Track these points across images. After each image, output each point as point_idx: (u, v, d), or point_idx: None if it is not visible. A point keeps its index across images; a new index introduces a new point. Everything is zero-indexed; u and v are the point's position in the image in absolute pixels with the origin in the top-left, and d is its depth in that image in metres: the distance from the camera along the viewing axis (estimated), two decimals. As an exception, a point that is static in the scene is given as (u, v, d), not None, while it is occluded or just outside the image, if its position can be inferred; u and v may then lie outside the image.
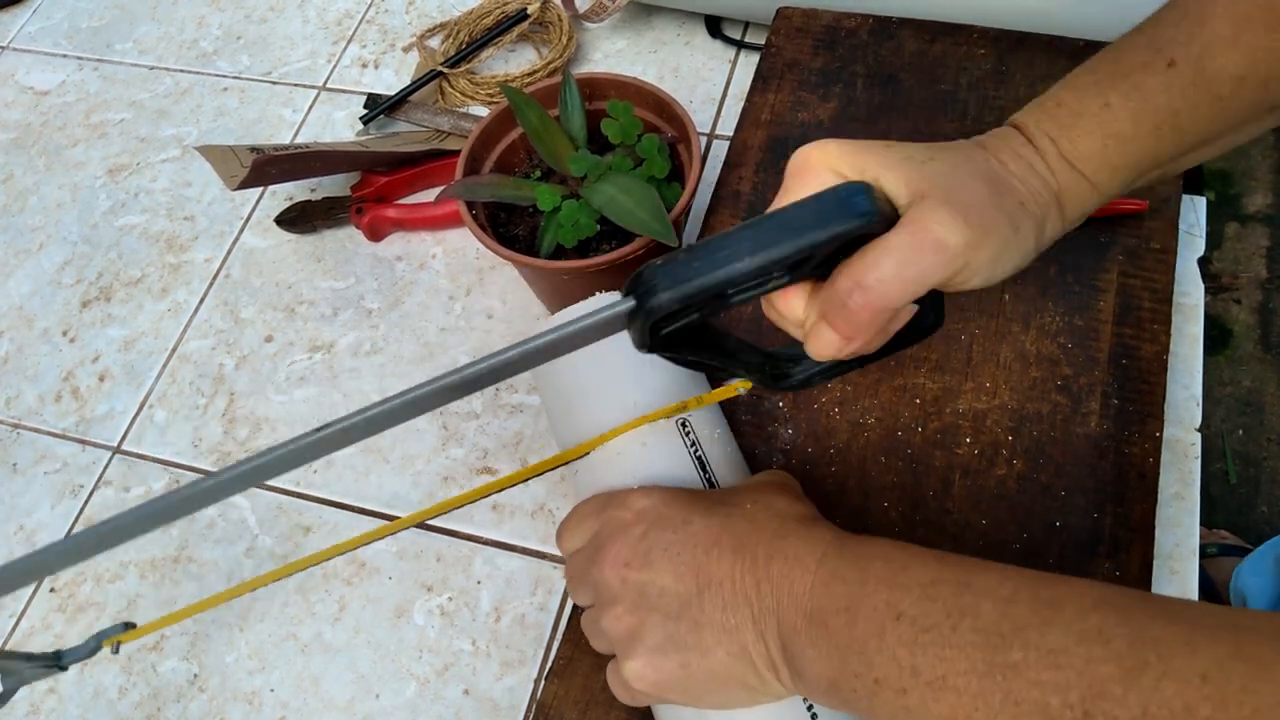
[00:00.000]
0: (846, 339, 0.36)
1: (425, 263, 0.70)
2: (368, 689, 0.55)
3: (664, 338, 0.35)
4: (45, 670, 0.44)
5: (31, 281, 0.75)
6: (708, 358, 0.38)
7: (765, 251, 0.33)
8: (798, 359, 0.42)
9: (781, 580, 0.37)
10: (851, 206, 0.34)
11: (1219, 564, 1.22)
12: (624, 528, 0.41)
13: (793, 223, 0.34)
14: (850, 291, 0.34)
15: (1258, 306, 1.51)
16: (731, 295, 0.35)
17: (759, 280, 0.35)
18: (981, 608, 0.32)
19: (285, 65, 0.85)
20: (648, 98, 0.62)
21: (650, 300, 0.33)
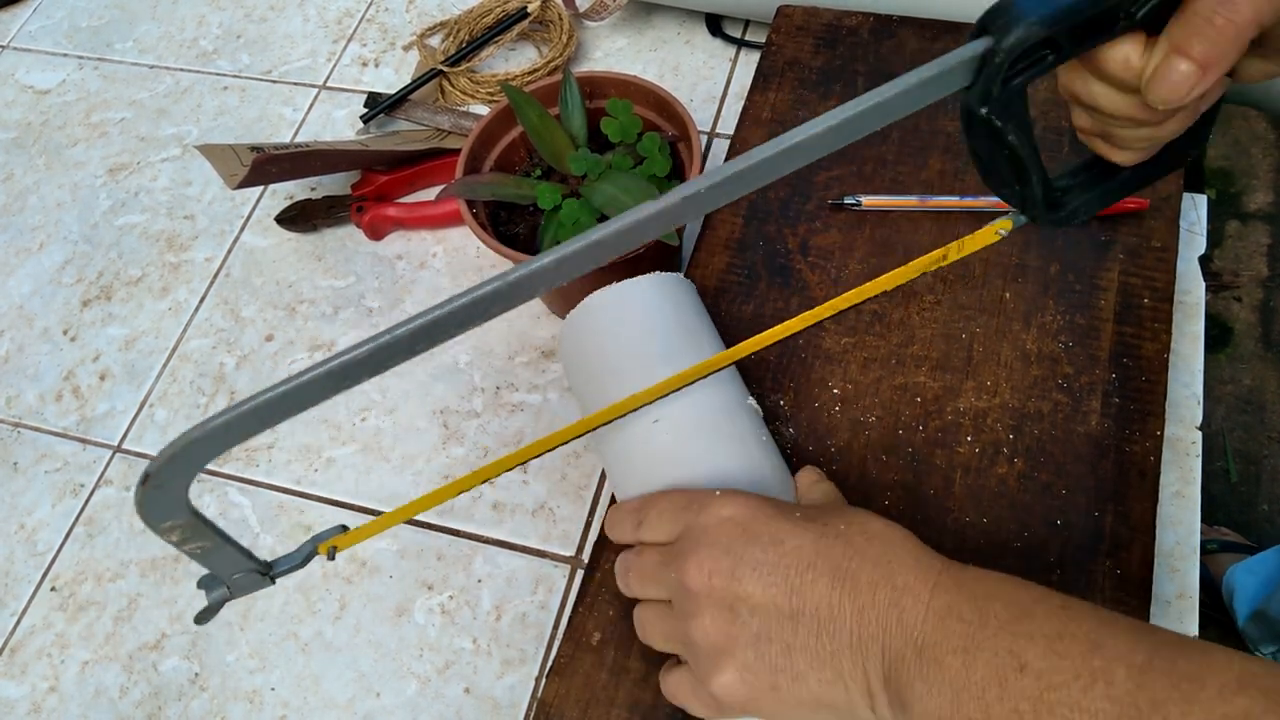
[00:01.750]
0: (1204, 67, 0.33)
1: (426, 262, 0.70)
2: (368, 688, 0.55)
3: (1013, 91, 0.32)
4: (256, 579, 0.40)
5: (32, 281, 0.75)
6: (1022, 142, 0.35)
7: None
8: (1066, 190, 0.40)
9: (889, 609, 0.35)
10: None
11: (1219, 560, 1.23)
12: (708, 536, 0.40)
13: None
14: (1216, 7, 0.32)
15: (1258, 305, 1.51)
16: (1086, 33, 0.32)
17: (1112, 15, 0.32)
18: (1115, 674, 0.31)
19: (285, 64, 0.85)
20: (648, 96, 0.62)
21: (1015, 30, 0.31)
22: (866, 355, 0.55)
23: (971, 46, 0.32)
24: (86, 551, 0.62)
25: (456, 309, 0.31)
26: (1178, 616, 0.50)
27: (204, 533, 0.36)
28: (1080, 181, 0.40)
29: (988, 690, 0.32)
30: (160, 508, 0.33)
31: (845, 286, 0.58)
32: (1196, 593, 0.50)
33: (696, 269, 0.59)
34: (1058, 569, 0.47)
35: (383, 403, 0.64)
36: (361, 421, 0.64)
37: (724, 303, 0.58)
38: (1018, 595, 0.35)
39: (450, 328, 0.32)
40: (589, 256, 0.32)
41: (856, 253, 0.59)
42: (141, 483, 0.32)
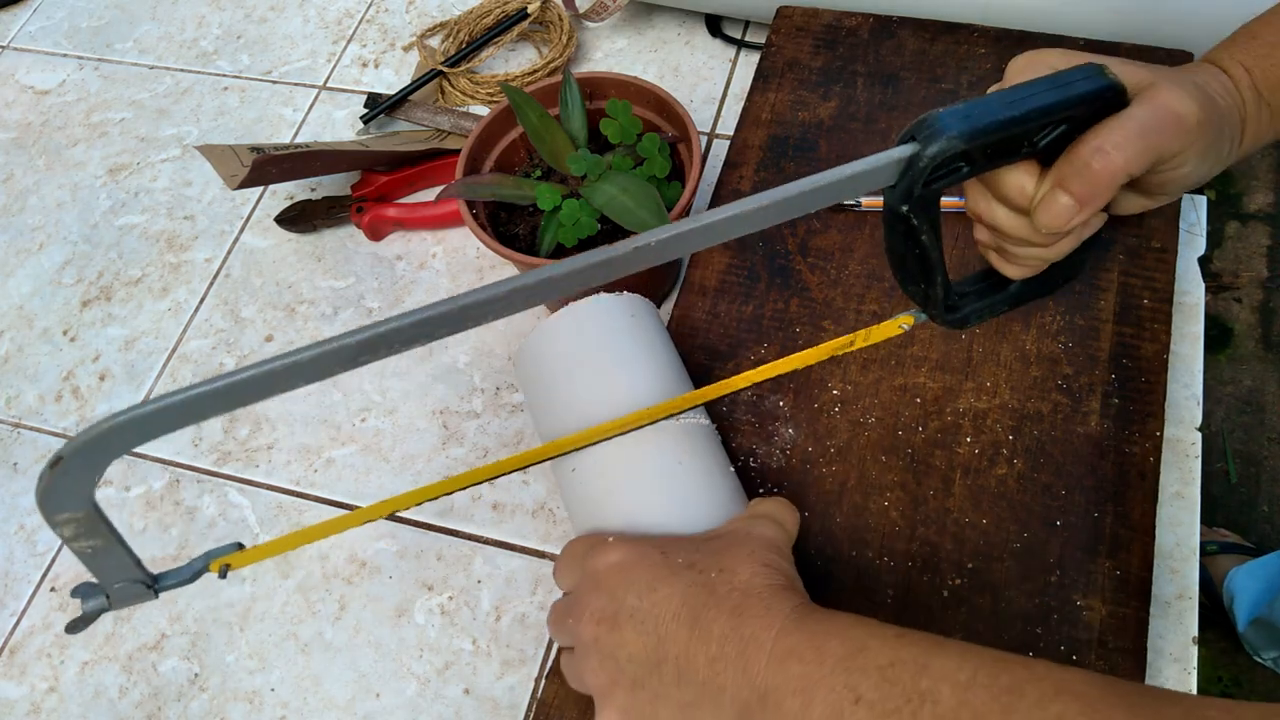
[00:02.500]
0: (1081, 202, 0.38)
1: (425, 262, 0.70)
2: (368, 688, 0.55)
3: (930, 194, 0.36)
4: (139, 590, 0.39)
5: (32, 281, 0.75)
6: (931, 245, 0.39)
7: (1043, 96, 0.36)
8: (964, 295, 0.44)
9: (736, 659, 0.37)
10: (1095, 76, 0.37)
11: (1218, 562, 1.23)
12: (598, 583, 0.41)
13: (1053, 84, 0.37)
14: (1094, 154, 0.37)
15: (1258, 305, 1.51)
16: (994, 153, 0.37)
17: (1016, 142, 0.37)
18: (940, 692, 0.32)
19: (285, 65, 0.85)
20: (648, 97, 0.62)
21: (937, 141, 0.35)
22: (866, 356, 0.55)
23: (900, 150, 0.36)
24: (86, 552, 0.62)
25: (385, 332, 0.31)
26: (1177, 617, 0.50)
27: (99, 531, 0.34)
28: (976, 290, 0.45)
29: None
30: (63, 496, 0.32)
31: (844, 287, 0.58)
32: (1196, 594, 0.50)
33: (696, 269, 0.59)
34: (1057, 569, 0.47)
35: (382, 403, 0.64)
36: (361, 422, 0.64)
37: (724, 303, 0.58)
38: (855, 631, 0.36)
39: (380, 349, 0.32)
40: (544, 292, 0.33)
41: (856, 253, 0.59)
42: (50, 465, 0.30)
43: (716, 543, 0.42)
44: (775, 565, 0.41)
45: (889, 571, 0.48)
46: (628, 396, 0.48)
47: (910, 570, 0.48)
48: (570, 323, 0.50)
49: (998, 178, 0.40)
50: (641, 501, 0.46)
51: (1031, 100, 0.36)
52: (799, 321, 0.57)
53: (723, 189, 0.63)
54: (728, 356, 0.56)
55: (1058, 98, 0.36)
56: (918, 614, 0.47)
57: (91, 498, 0.32)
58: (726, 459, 0.49)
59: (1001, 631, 0.46)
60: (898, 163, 0.36)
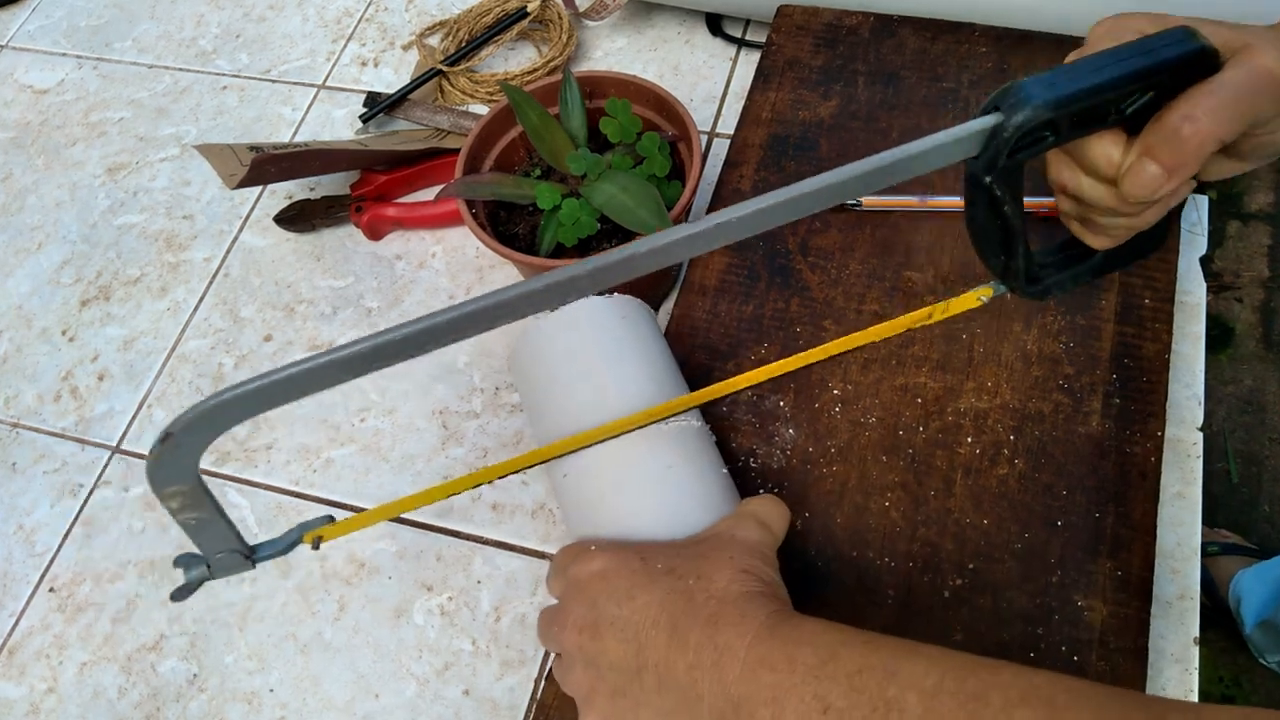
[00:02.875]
0: (1170, 171, 0.37)
1: (425, 261, 0.70)
2: (367, 689, 0.54)
3: (1008, 168, 0.36)
4: (237, 561, 0.41)
5: (30, 281, 0.75)
6: (1014, 214, 0.38)
7: (1127, 64, 0.35)
8: (1044, 266, 0.43)
9: (711, 667, 0.37)
10: (1190, 40, 0.36)
11: (1220, 563, 1.22)
12: (580, 591, 0.42)
13: (1141, 48, 0.35)
14: (1184, 120, 0.36)
15: (1259, 305, 1.51)
16: (1082, 119, 0.36)
17: (1104, 109, 0.36)
18: (906, 701, 0.32)
19: (284, 64, 0.84)
20: (648, 96, 0.62)
21: (1023, 110, 0.34)
22: (867, 356, 0.54)
23: (983, 120, 0.35)
24: (85, 552, 0.62)
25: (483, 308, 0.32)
26: (1179, 618, 0.50)
27: (203, 503, 0.36)
28: (1057, 260, 0.44)
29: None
30: (171, 470, 0.33)
31: (845, 287, 0.58)
32: (1197, 594, 0.50)
33: (696, 269, 0.59)
34: (1058, 569, 0.47)
35: (382, 403, 0.64)
36: (361, 422, 0.64)
37: (724, 303, 0.58)
38: (826, 638, 0.36)
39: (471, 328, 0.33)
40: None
41: (857, 253, 0.58)
42: (161, 440, 0.32)
43: (698, 548, 0.42)
44: (754, 571, 0.41)
45: (890, 572, 0.48)
46: (618, 400, 0.47)
47: (911, 570, 0.48)
48: (561, 324, 0.50)
49: (1083, 146, 0.39)
50: (631, 506, 0.45)
51: (1118, 66, 0.35)
52: (799, 321, 0.56)
53: (723, 188, 0.62)
54: (728, 356, 0.56)
55: (1146, 63, 0.35)
56: (919, 615, 0.47)
57: (197, 471, 0.34)
58: (720, 461, 0.49)
59: (1002, 632, 0.46)
60: (981, 133, 0.35)
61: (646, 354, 0.50)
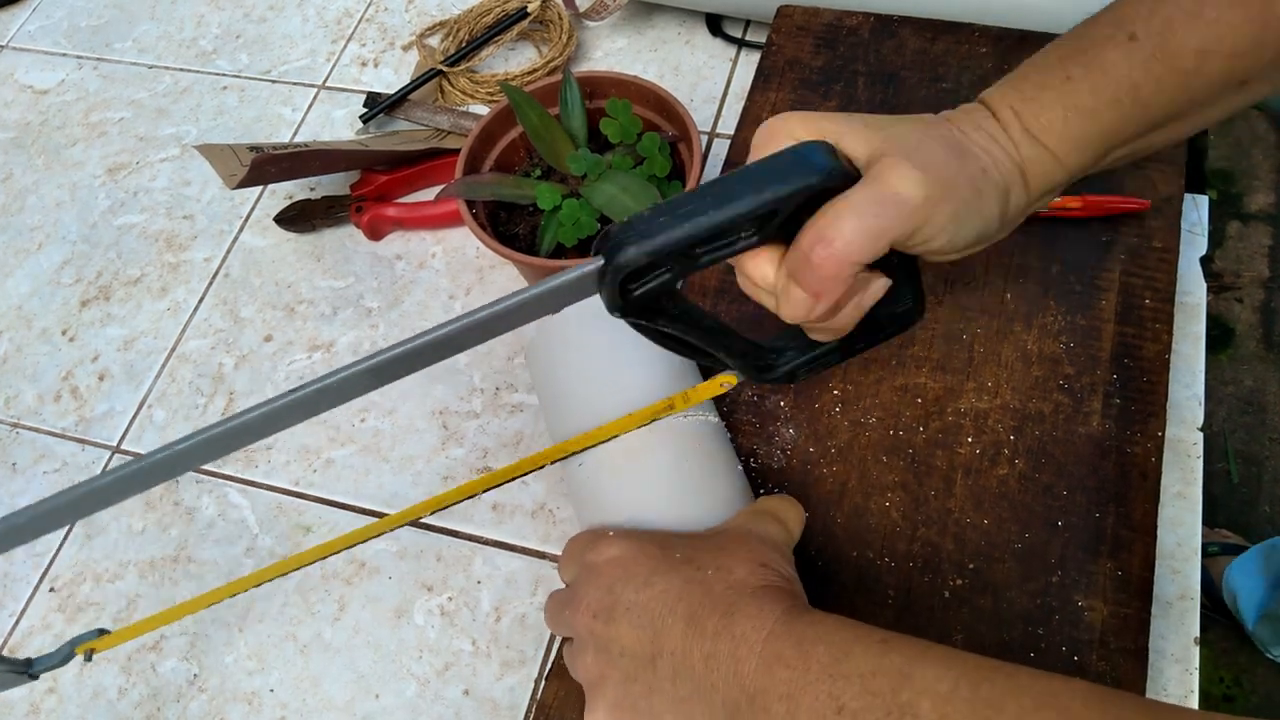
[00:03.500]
0: (815, 297, 0.36)
1: (425, 262, 0.70)
2: (367, 689, 0.54)
3: (636, 300, 0.35)
4: (14, 677, 0.43)
5: (31, 281, 0.75)
6: (683, 332, 0.38)
7: (729, 206, 0.34)
8: (781, 350, 0.42)
9: (727, 658, 0.37)
10: (811, 161, 0.35)
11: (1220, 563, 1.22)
12: (595, 576, 0.41)
13: (754, 178, 0.34)
14: (813, 245, 0.35)
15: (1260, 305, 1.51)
16: (700, 253, 0.35)
17: (726, 238, 0.35)
18: (920, 707, 0.32)
19: (285, 64, 0.84)
20: (648, 96, 0.62)
21: (618, 256, 0.33)
22: (866, 356, 0.54)
23: (587, 264, 0.34)
24: (85, 552, 0.62)
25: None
26: (1179, 618, 0.50)
27: None
28: (796, 345, 0.42)
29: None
30: None
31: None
32: (1198, 594, 0.50)
33: (696, 269, 0.59)
34: (1058, 570, 0.47)
35: (382, 403, 0.64)
36: (361, 422, 0.64)
37: (724, 303, 0.58)
38: (841, 635, 0.36)
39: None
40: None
41: (857, 253, 0.58)
42: None
43: (716, 540, 0.42)
44: (772, 565, 0.41)
45: (890, 572, 0.48)
46: (635, 392, 0.47)
47: (911, 571, 0.48)
48: (579, 317, 0.50)
49: (741, 261, 0.38)
50: (645, 498, 0.46)
51: (727, 205, 0.34)
52: (799, 321, 0.56)
53: (723, 188, 0.62)
54: (728, 356, 0.56)
55: (756, 200, 0.34)
56: (919, 615, 0.47)
57: None
58: (734, 457, 0.49)
59: (1003, 632, 0.46)
60: (590, 276, 0.34)
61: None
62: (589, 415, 0.47)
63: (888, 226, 0.35)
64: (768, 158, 0.36)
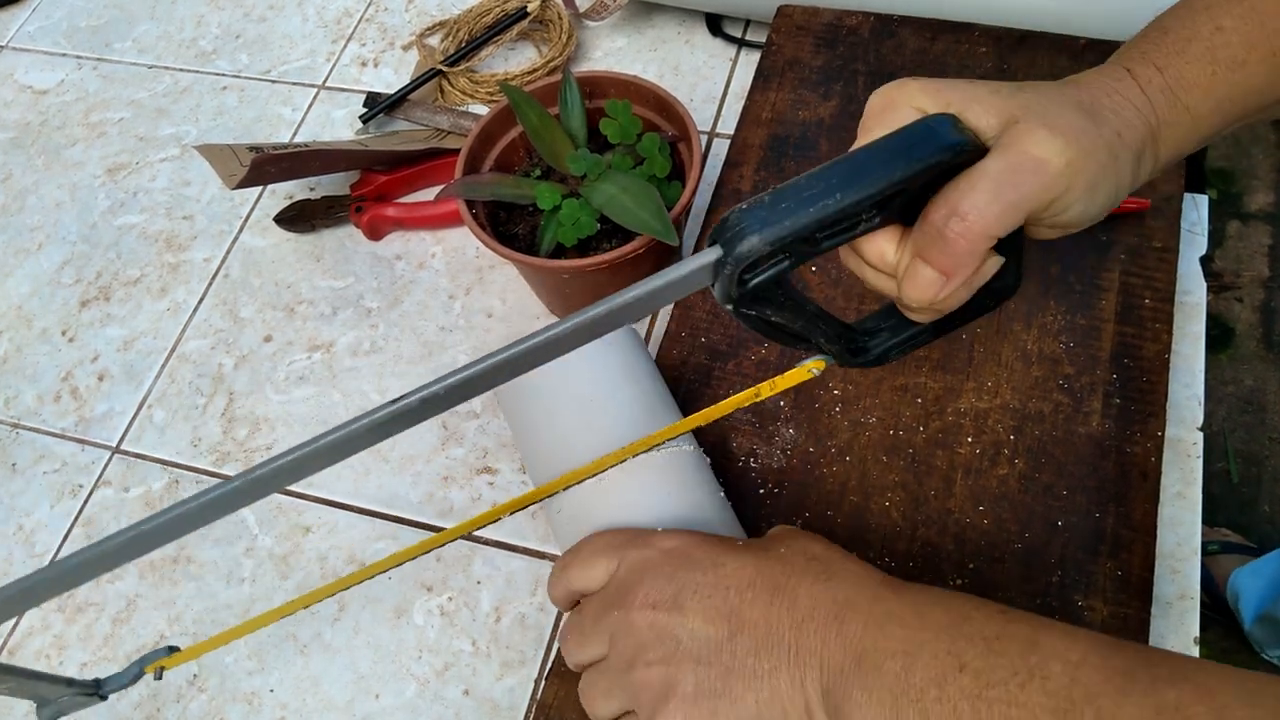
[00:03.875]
0: (945, 275, 0.34)
1: (425, 262, 0.70)
2: (367, 689, 0.54)
3: (750, 291, 0.34)
4: (84, 699, 0.42)
5: (30, 281, 0.75)
6: (789, 320, 0.36)
7: (855, 187, 0.32)
8: (873, 332, 0.41)
9: (829, 620, 0.35)
10: (940, 136, 0.33)
11: (1220, 561, 1.23)
12: (650, 567, 0.39)
13: (881, 157, 0.33)
14: (947, 220, 0.33)
15: (1260, 305, 1.51)
16: (821, 238, 0.33)
17: (849, 221, 0.33)
18: (1050, 669, 0.31)
19: (284, 64, 0.84)
20: (648, 96, 0.62)
21: (739, 245, 0.32)
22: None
23: (704, 255, 0.33)
24: (85, 552, 0.62)
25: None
26: (1179, 618, 0.50)
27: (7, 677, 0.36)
28: (889, 326, 0.40)
29: (927, 692, 0.32)
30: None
31: (845, 287, 0.58)
32: (1198, 594, 0.50)
33: (696, 269, 0.59)
34: (1058, 570, 0.47)
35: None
36: (360, 422, 0.64)
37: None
38: (957, 602, 0.35)
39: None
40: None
41: (857, 253, 0.58)
42: None
43: (767, 535, 0.42)
44: (836, 547, 0.40)
45: (890, 572, 0.48)
46: (611, 430, 0.47)
47: (911, 571, 0.48)
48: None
49: (859, 245, 0.36)
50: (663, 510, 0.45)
51: (853, 187, 0.32)
52: (799, 321, 0.56)
53: (723, 188, 0.62)
54: (729, 356, 0.56)
55: (884, 181, 0.32)
56: (918, 615, 0.47)
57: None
58: (716, 485, 0.49)
59: (1003, 632, 0.46)
60: (705, 268, 0.33)
61: (636, 380, 0.50)
62: (567, 453, 0.47)
63: (1026, 196, 0.33)
64: (893, 134, 0.34)
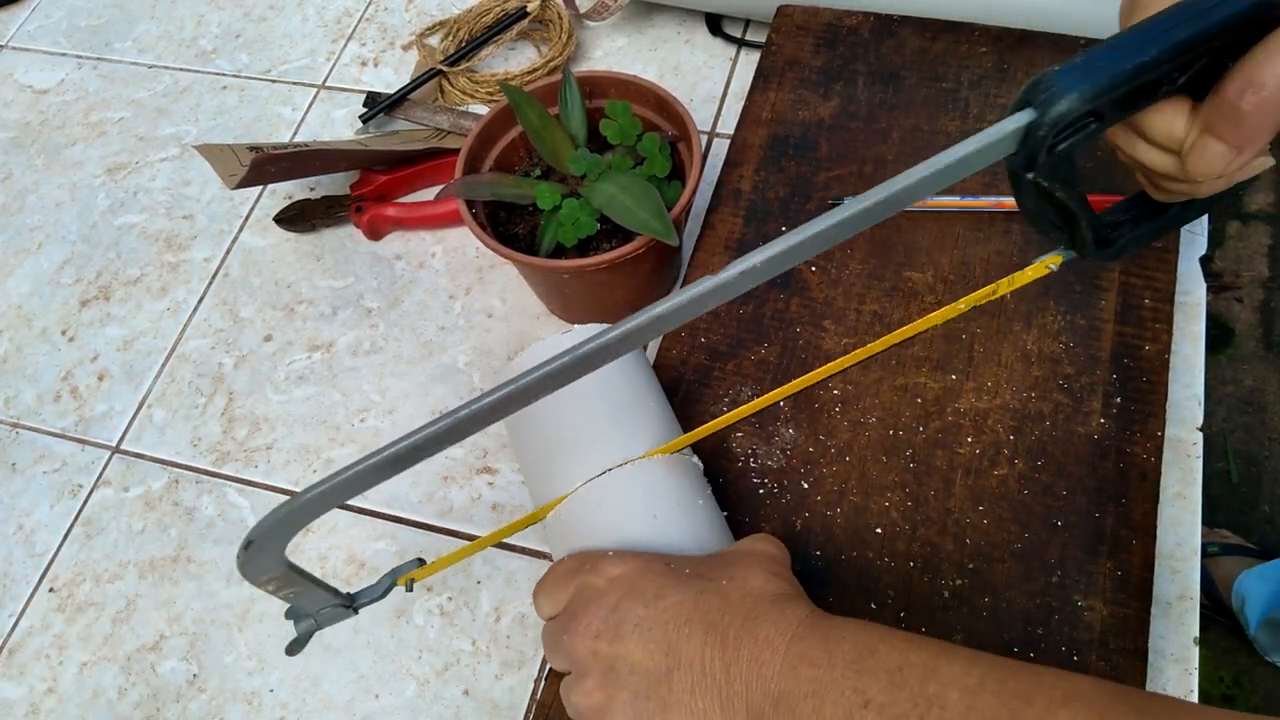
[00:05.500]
0: (1237, 148, 0.33)
1: (425, 262, 0.70)
2: (367, 689, 0.54)
3: (1055, 157, 0.33)
4: (341, 612, 0.44)
5: (30, 281, 0.75)
6: (1069, 198, 0.36)
7: (1172, 36, 0.32)
8: (1115, 224, 0.41)
9: (751, 664, 0.36)
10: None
11: (1220, 563, 1.22)
12: (597, 596, 0.40)
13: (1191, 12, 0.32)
14: (1243, 91, 0.32)
15: (1259, 305, 1.51)
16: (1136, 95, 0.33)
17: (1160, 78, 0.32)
18: (948, 697, 0.32)
19: (284, 64, 0.84)
20: (648, 96, 0.62)
21: (1058, 103, 0.31)
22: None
23: (1016, 118, 0.32)
24: (85, 552, 0.62)
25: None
26: (1179, 618, 0.50)
27: (297, 581, 0.39)
28: (1131, 217, 0.41)
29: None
30: (260, 566, 0.37)
31: (845, 287, 0.58)
32: (1198, 594, 0.50)
33: (696, 269, 0.59)
34: (1058, 570, 0.47)
35: (382, 403, 0.64)
36: (360, 422, 0.64)
37: (723, 304, 0.58)
38: (865, 635, 0.36)
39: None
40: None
41: (857, 253, 0.58)
42: (244, 547, 0.35)
43: (721, 558, 0.42)
44: (783, 575, 0.41)
45: (889, 572, 0.48)
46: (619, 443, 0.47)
47: (911, 571, 0.48)
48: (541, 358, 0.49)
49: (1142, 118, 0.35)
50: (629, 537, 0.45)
51: (1160, 41, 0.32)
52: (799, 321, 0.56)
53: (723, 188, 0.62)
54: (728, 356, 0.56)
55: (1191, 32, 0.31)
56: (919, 614, 0.47)
57: (285, 560, 0.38)
58: (709, 493, 0.49)
59: (1002, 632, 0.46)
60: (1014, 133, 0.32)
61: (638, 393, 0.50)
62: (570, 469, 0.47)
63: None
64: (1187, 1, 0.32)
